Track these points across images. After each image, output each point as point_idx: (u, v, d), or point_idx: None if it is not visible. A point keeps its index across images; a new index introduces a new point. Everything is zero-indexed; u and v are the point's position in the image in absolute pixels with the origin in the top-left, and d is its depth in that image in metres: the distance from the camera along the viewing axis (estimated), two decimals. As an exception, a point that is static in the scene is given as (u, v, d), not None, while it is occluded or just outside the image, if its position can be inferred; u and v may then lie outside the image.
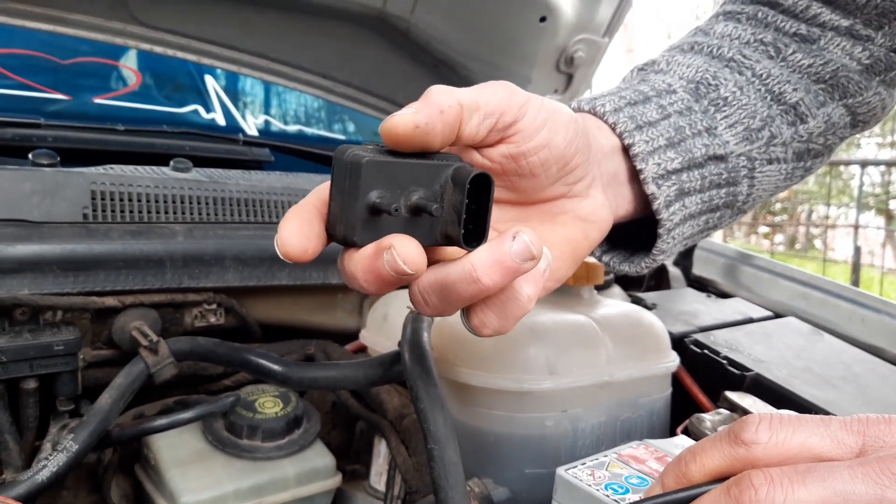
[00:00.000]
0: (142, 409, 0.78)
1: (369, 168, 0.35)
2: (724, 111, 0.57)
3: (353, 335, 0.94)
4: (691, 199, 0.55)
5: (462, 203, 0.36)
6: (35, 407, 0.69)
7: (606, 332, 0.74)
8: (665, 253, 0.55)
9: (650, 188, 0.53)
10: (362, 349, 0.89)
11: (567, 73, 1.33)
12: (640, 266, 0.56)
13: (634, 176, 0.53)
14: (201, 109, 1.30)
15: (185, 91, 1.30)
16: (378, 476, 0.78)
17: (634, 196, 0.54)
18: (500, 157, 0.42)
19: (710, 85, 0.57)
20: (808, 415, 0.35)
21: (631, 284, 1.16)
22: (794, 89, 0.58)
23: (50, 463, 0.62)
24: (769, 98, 0.58)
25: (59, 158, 0.86)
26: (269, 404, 0.77)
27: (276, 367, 0.69)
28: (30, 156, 0.87)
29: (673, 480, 0.37)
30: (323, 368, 0.67)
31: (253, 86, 1.40)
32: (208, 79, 1.35)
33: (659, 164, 0.54)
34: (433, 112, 0.37)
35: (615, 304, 0.83)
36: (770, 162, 0.59)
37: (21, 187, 0.75)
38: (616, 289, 1.08)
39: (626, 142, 0.53)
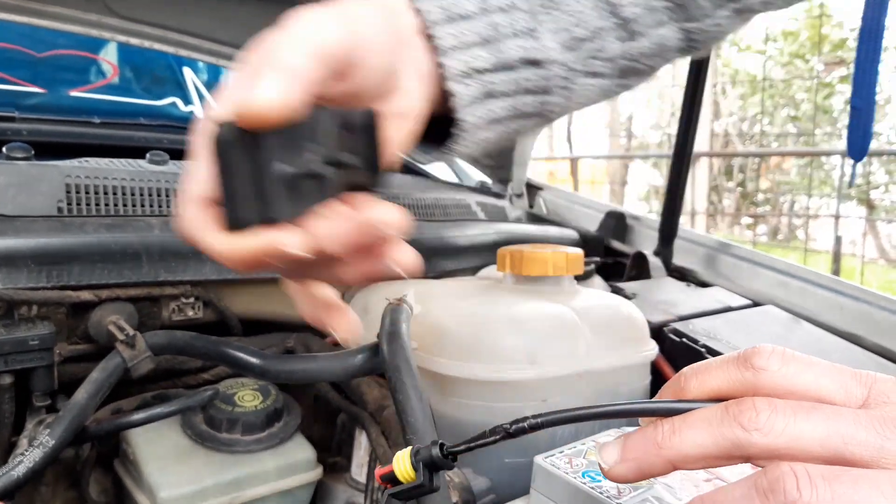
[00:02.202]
0: (120, 403, 0.77)
1: (268, 139, 0.33)
2: (552, 14, 0.54)
3: (335, 328, 0.94)
4: (498, 103, 0.52)
5: (371, 147, 0.35)
6: (10, 402, 0.68)
7: (586, 321, 0.74)
8: (462, 154, 0.53)
9: (452, 85, 0.49)
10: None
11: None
12: (432, 156, 0.56)
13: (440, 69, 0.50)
14: (179, 102, 1.29)
15: (163, 83, 1.28)
16: (359, 468, 0.78)
17: (440, 91, 0.50)
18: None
19: None
20: (820, 359, 0.34)
21: (612, 275, 1.17)
22: (633, 3, 0.55)
23: (26, 459, 0.61)
24: (604, 8, 0.55)
25: (33, 152, 0.85)
26: (248, 398, 0.76)
27: (253, 360, 0.68)
28: (3, 149, 0.86)
29: (670, 395, 0.36)
30: (301, 361, 0.67)
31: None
32: (186, 71, 1.34)
33: (465, 62, 0.51)
34: (295, 86, 0.35)
35: (595, 293, 0.84)
36: (590, 75, 0.56)
37: (-7, 181, 0.74)
38: (596, 279, 1.08)
39: (430, 32, 0.50)
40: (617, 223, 1.31)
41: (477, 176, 1.53)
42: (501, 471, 0.66)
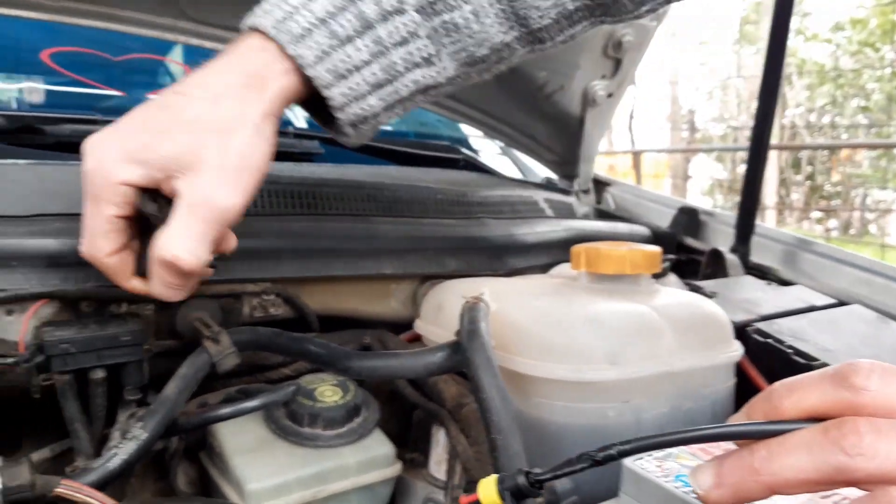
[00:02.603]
0: (205, 397, 0.80)
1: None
2: (453, 36, 0.55)
3: (407, 325, 0.94)
4: (383, 117, 0.60)
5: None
6: (103, 396, 0.71)
7: (667, 321, 0.72)
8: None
9: (344, 129, 0.59)
10: (417, 338, 0.90)
11: (615, 58, 1.31)
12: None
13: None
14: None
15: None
16: (437, 465, 0.79)
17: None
18: None
19: (447, 4, 0.54)
20: None
21: (686, 273, 1.14)
22: (541, 16, 0.56)
23: (120, 451, 0.63)
24: (512, 22, 0.56)
25: (119, 153, 0.88)
26: (328, 393, 0.78)
27: (336, 357, 0.70)
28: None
29: (761, 413, 0.35)
30: (382, 358, 0.67)
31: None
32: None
33: (356, 114, 0.57)
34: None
35: (675, 292, 0.82)
36: (479, 73, 0.60)
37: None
38: (672, 277, 1.06)
39: (324, 94, 0.56)
40: (690, 219, 1.28)
41: (542, 172, 1.52)
42: (584, 472, 0.66)
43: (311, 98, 0.59)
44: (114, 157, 0.55)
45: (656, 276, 1.00)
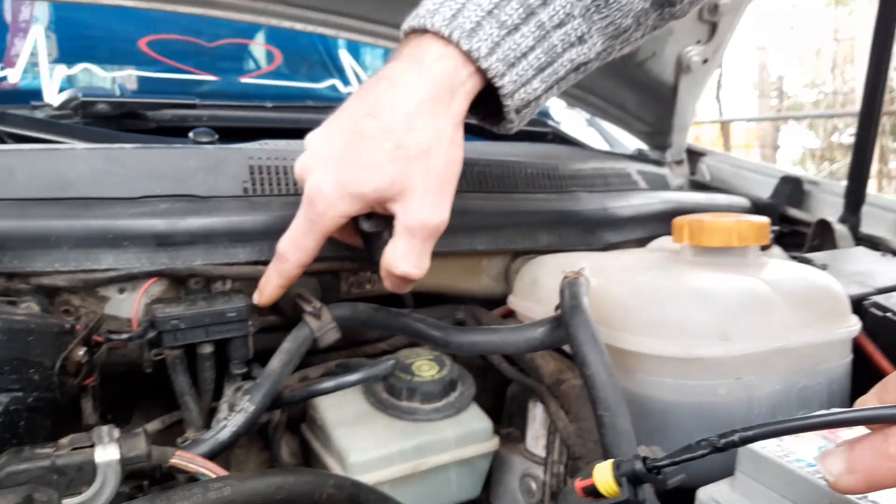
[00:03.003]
0: (306, 371, 0.82)
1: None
2: (603, 12, 0.58)
3: (499, 300, 0.94)
4: (542, 99, 0.63)
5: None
6: (211, 370, 0.73)
7: (779, 294, 0.69)
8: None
9: (510, 115, 0.62)
10: (510, 314, 0.89)
11: (711, 22, 1.25)
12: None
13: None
14: (338, 83, 1.33)
15: (323, 66, 1.33)
16: (535, 440, 0.78)
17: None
18: None
19: None
20: None
21: (790, 245, 1.09)
22: None
23: (230, 423, 0.65)
24: None
25: (217, 136, 0.90)
26: (425, 367, 0.78)
27: (435, 332, 0.70)
28: (190, 134, 0.92)
29: (893, 397, 0.34)
30: (483, 333, 0.67)
31: (387, 56, 1.41)
32: (343, 53, 1.37)
33: (523, 99, 0.60)
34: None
35: (785, 265, 0.78)
36: (622, 46, 0.64)
37: (187, 164, 0.79)
38: (776, 249, 1.01)
39: (496, 84, 0.59)
40: (793, 189, 1.22)
41: (631, 143, 1.47)
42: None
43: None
44: (330, 191, 0.62)
45: (761, 249, 0.95)
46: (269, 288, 0.70)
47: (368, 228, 0.68)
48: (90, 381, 0.66)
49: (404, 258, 0.63)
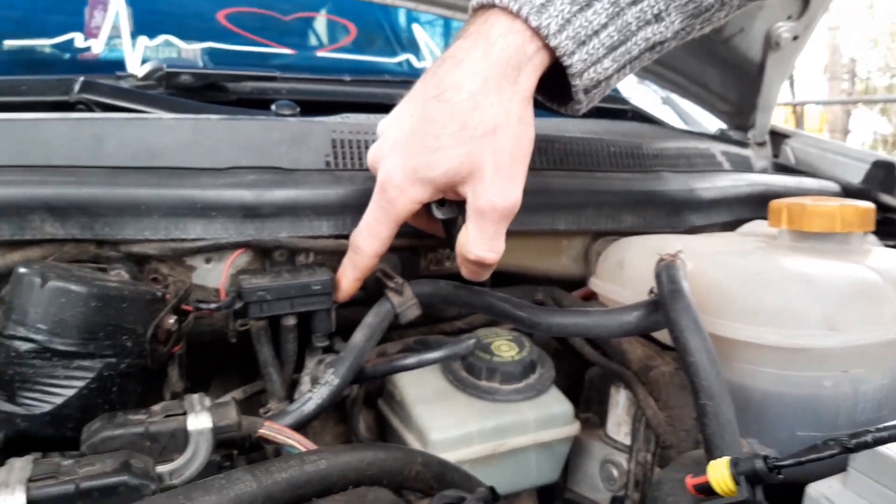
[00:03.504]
0: (384, 347, 0.81)
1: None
2: None
3: (577, 283, 0.92)
4: (612, 81, 0.61)
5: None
6: (294, 342, 0.73)
7: (890, 284, 0.65)
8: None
9: (578, 96, 0.60)
10: (591, 296, 0.87)
11: (804, -4, 1.18)
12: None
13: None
14: (413, 58, 1.32)
15: (398, 40, 1.31)
16: (616, 427, 0.76)
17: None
18: None
19: None
20: None
21: (883, 234, 1.03)
22: None
23: (314, 395, 0.65)
24: None
25: (299, 109, 0.90)
26: (504, 347, 0.77)
27: (520, 312, 0.68)
28: (272, 107, 0.91)
29: None
30: (573, 315, 0.65)
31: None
32: (416, 28, 1.36)
33: (592, 78, 0.58)
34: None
35: (891, 253, 0.73)
36: (702, 25, 0.61)
37: (270, 136, 0.78)
38: (870, 237, 0.96)
39: (564, 63, 0.57)
40: (886, 174, 1.15)
41: (708, 123, 1.42)
42: (791, 444, 0.61)
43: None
44: (402, 178, 0.61)
45: (858, 236, 0.91)
46: (345, 281, 0.70)
47: (441, 215, 0.67)
48: (178, 349, 0.66)
49: (476, 242, 0.62)
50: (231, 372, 0.87)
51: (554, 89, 0.65)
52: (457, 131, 0.58)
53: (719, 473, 0.39)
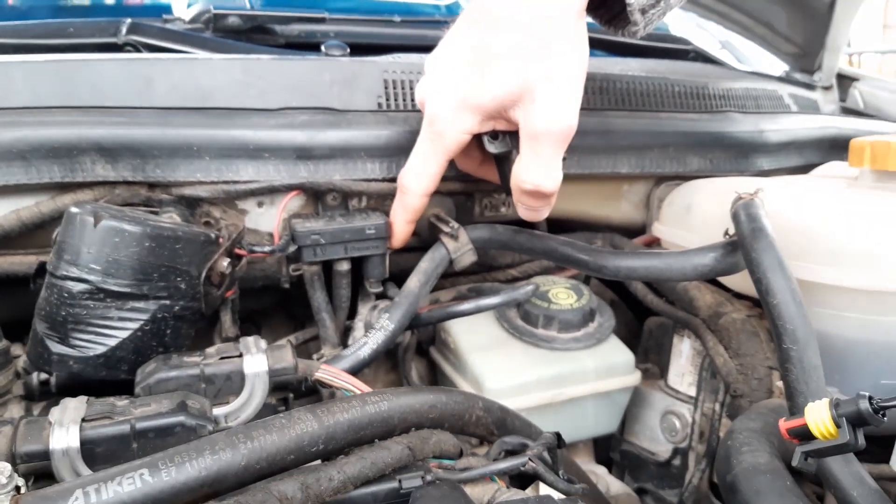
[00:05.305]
0: (436, 295, 0.79)
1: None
2: None
3: (637, 229, 0.88)
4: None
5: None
6: (347, 288, 0.72)
7: None
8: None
9: (634, 16, 0.58)
10: (654, 242, 0.83)
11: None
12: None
13: None
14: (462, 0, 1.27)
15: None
16: (679, 377, 0.73)
17: None
18: None
19: None
20: None
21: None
22: None
23: (370, 341, 0.64)
24: None
25: (349, 49, 0.87)
26: (562, 295, 0.74)
27: (584, 256, 0.65)
28: (322, 48, 0.88)
29: None
30: (642, 257, 0.62)
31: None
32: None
33: None
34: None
35: None
36: None
37: (321, 77, 0.76)
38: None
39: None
40: (968, 117, 1.08)
41: (769, 67, 1.34)
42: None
43: None
44: (451, 107, 0.59)
45: None
46: (397, 225, 0.68)
47: (494, 149, 0.64)
48: (231, 294, 0.65)
49: (532, 169, 0.58)
50: (280, 319, 0.86)
51: (611, 11, 0.62)
52: (506, 51, 0.55)
53: (819, 415, 0.36)
